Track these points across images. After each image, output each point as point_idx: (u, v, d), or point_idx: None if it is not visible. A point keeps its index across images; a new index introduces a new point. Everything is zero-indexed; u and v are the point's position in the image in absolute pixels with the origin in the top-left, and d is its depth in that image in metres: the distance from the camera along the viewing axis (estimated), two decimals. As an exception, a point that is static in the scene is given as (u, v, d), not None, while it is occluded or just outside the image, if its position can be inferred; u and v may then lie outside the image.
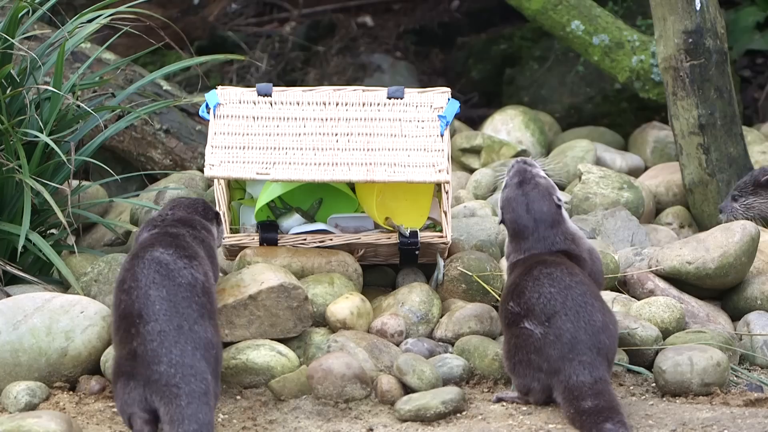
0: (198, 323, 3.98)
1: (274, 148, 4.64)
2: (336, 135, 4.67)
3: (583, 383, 3.94)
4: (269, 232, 4.70)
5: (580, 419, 3.90)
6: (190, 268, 4.08)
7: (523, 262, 4.23)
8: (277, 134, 4.67)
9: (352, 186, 4.87)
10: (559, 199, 4.33)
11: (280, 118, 4.70)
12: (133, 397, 3.91)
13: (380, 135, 4.67)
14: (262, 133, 4.67)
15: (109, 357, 4.22)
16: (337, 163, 4.61)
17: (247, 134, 4.67)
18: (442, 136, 4.66)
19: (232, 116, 4.70)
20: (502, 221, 4.39)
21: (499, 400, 4.18)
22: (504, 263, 4.50)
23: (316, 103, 4.73)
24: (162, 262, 4.06)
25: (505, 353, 4.13)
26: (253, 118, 4.70)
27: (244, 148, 4.63)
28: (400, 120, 4.70)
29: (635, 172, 5.96)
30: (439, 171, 4.60)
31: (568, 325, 4.00)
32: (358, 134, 4.67)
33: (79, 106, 4.88)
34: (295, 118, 4.70)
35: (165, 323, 3.93)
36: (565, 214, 4.33)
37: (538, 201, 4.30)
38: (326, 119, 4.70)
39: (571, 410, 3.94)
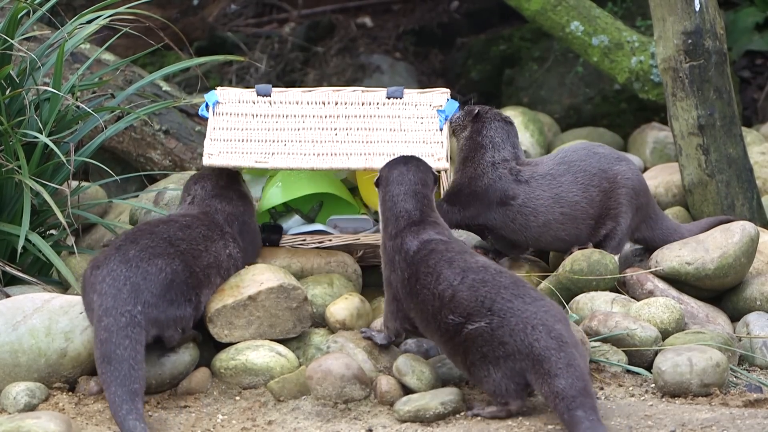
0: (142, 248, 4.23)
1: (273, 141, 4.64)
2: (335, 130, 4.66)
3: (547, 348, 3.88)
4: (273, 234, 4.70)
5: (554, 401, 3.85)
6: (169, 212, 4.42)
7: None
8: (277, 129, 4.66)
9: (352, 191, 4.87)
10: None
11: (279, 116, 4.70)
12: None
13: (379, 129, 4.66)
14: (261, 128, 4.67)
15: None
16: (336, 153, 4.60)
17: (247, 129, 4.66)
18: (441, 130, 4.65)
19: (231, 113, 4.70)
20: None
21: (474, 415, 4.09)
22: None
23: (316, 103, 4.73)
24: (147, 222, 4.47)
25: (462, 365, 4.03)
26: (253, 115, 4.70)
27: (243, 140, 4.63)
28: (399, 117, 4.69)
29: (635, 173, 5.95)
30: (438, 159, 4.59)
31: (508, 305, 3.94)
32: (357, 129, 4.66)
33: (78, 106, 4.88)
34: (294, 116, 4.70)
35: (112, 255, 4.22)
36: None
37: None
38: (325, 116, 4.69)
39: (545, 388, 3.88)
